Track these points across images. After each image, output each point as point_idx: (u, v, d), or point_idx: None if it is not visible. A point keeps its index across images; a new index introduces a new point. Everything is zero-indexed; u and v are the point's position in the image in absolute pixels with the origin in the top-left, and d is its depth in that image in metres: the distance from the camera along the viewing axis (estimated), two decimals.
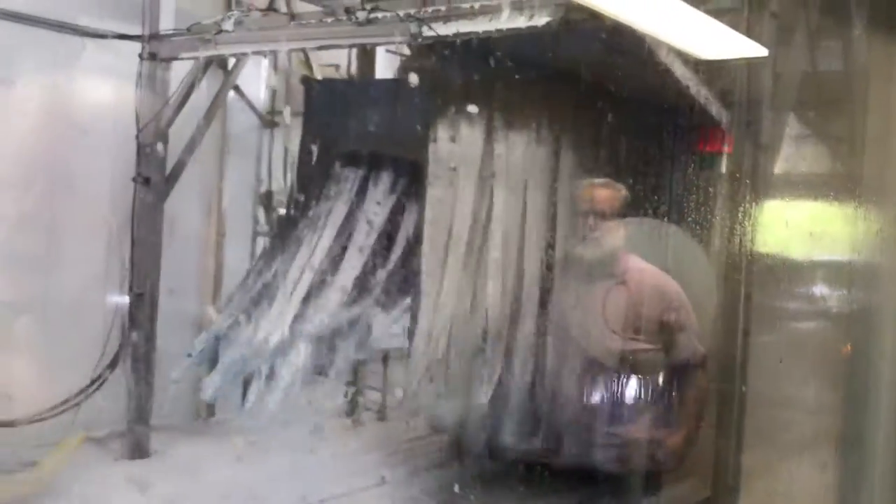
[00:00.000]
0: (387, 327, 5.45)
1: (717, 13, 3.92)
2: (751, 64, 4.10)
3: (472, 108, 5.02)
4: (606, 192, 4.63)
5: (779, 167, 4.39)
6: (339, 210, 5.82)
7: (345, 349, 5.38)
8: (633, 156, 5.33)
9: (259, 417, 5.68)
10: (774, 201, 4.47)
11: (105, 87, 6.51)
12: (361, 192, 5.86)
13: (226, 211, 7.44)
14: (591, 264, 4.65)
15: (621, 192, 4.60)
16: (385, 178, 5.84)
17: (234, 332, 5.82)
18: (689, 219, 4.75)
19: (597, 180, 4.75)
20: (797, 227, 4.33)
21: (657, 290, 4.55)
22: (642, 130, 5.22)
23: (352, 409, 7.39)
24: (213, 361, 5.95)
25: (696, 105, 4.44)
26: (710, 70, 4.33)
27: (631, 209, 4.70)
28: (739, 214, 4.26)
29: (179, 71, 6.36)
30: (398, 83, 5.76)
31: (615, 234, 4.58)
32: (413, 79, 5.03)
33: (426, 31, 4.89)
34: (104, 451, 6.32)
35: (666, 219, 5.01)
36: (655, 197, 5.07)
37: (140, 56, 6.29)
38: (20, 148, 6.08)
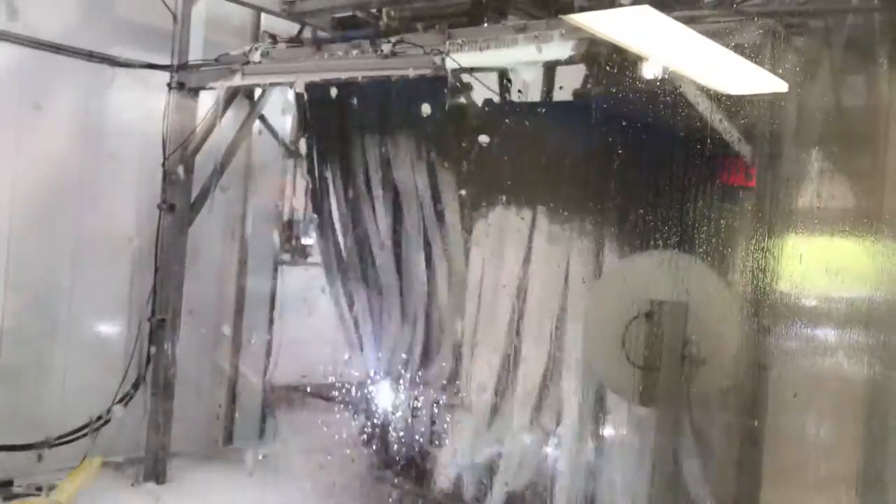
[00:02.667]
0: None
1: (741, 49, 3.95)
2: (774, 99, 4.12)
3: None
4: None
5: (800, 201, 4.37)
6: None
7: None
8: (652, 188, 5.34)
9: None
10: (795, 235, 4.45)
11: (133, 114, 6.62)
12: None
13: (248, 238, 7.50)
14: None
15: None
16: None
17: None
18: (710, 251, 4.73)
19: None
20: (816, 261, 4.30)
21: None
22: (663, 162, 5.23)
23: None
24: None
25: (719, 138, 4.45)
26: (733, 104, 4.34)
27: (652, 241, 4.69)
28: (761, 248, 4.24)
29: (206, 100, 6.50)
30: None
31: None
32: None
33: (449, 64, 4.96)
34: (122, 476, 6.35)
35: (687, 251, 4.98)
36: (676, 229, 5.05)
37: (168, 85, 6.44)
38: (49, 173, 6.18)
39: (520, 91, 5.51)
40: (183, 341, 6.58)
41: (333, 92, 5.63)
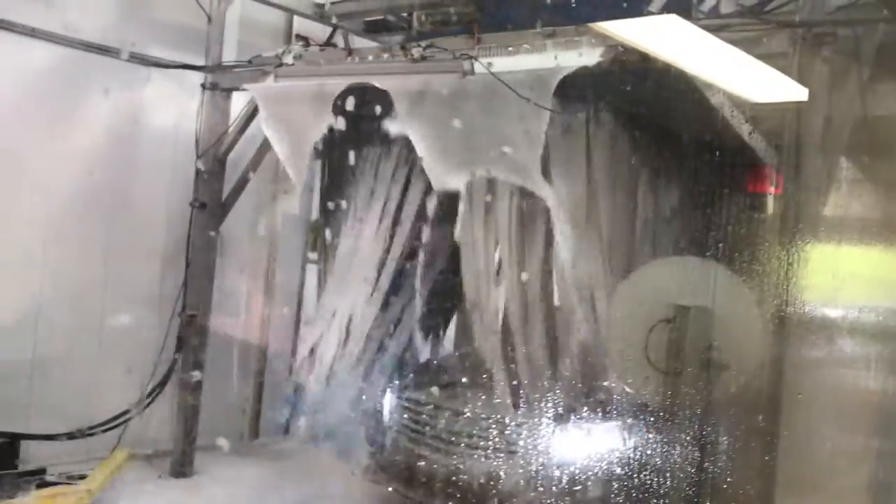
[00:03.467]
0: None
1: (768, 57, 3.97)
2: (801, 107, 4.12)
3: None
4: None
5: (827, 210, 4.37)
6: None
7: None
8: (679, 196, 5.37)
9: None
10: (822, 244, 4.45)
11: (167, 114, 6.75)
12: None
13: (277, 236, 7.60)
14: None
15: None
16: None
17: None
18: (735, 258, 4.73)
19: None
20: (842, 271, 4.30)
21: None
22: (689, 170, 5.25)
23: None
24: None
25: (745, 146, 4.46)
26: (760, 112, 4.36)
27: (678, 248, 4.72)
28: (786, 257, 4.25)
29: (239, 100, 6.60)
30: None
31: None
32: None
33: (478, 68, 5.01)
34: (150, 469, 6.46)
35: (713, 258, 4.99)
36: (702, 236, 5.07)
37: (202, 86, 6.55)
38: (84, 171, 6.32)
39: None
40: (211, 337, 6.70)
41: None
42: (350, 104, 5.65)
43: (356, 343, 6.23)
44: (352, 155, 6.35)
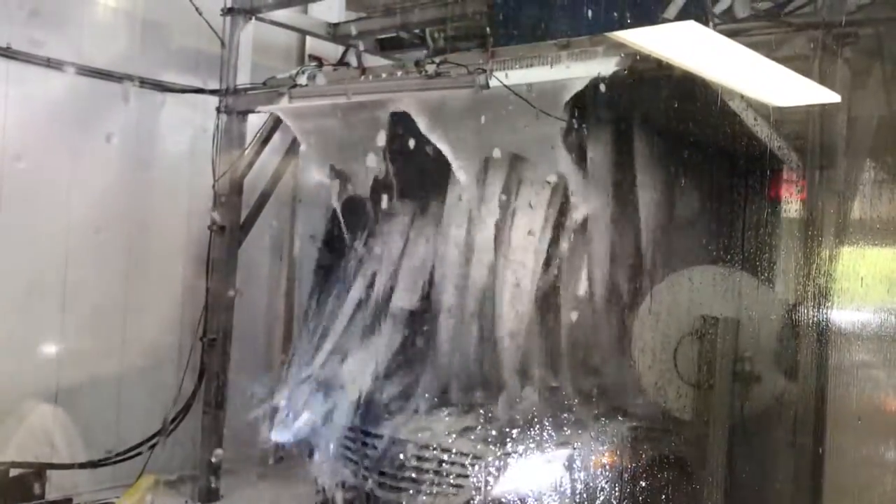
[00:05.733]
0: None
1: (789, 60, 3.90)
2: (824, 110, 4.06)
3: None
4: None
5: (854, 213, 4.29)
6: None
7: None
8: (702, 203, 5.29)
9: None
10: (850, 248, 4.35)
11: (183, 138, 6.77)
12: None
13: (296, 258, 7.58)
14: None
15: None
16: None
17: None
18: (760, 265, 4.65)
19: None
20: (875, 276, 4.20)
21: None
22: (712, 177, 5.18)
23: None
24: None
25: (768, 151, 4.39)
26: (782, 116, 4.29)
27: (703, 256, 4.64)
28: (814, 264, 4.17)
29: (255, 123, 6.61)
30: None
31: None
32: None
33: (493, 82, 4.98)
34: (176, 494, 6.44)
35: (738, 266, 4.91)
36: (727, 244, 4.99)
37: (217, 109, 6.57)
38: (103, 197, 6.34)
39: None
40: (233, 360, 6.68)
41: None
42: None
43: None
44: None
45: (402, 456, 4.99)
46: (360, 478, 5.21)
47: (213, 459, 6.46)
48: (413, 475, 4.94)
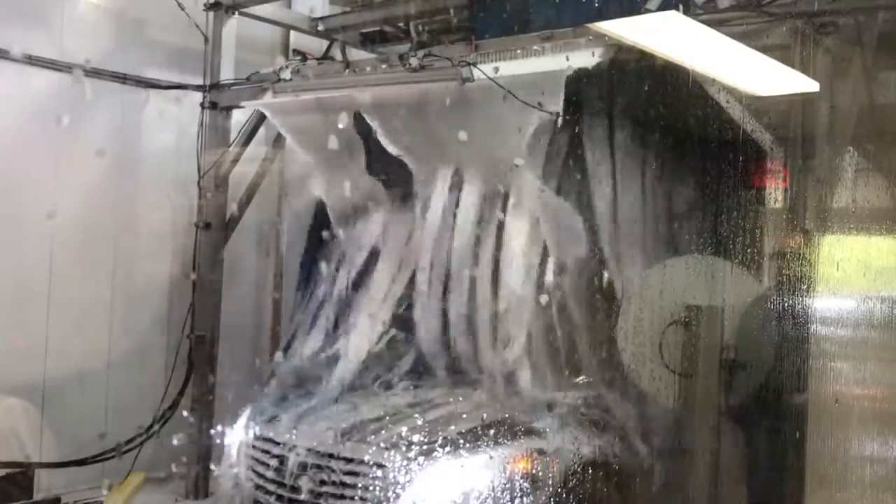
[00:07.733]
0: None
1: (769, 49, 3.92)
2: (805, 99, 4.08)
3: None
4: None
5: (835, 202, 4.32)
6: None
7: None
8: (686, 193, 5.32)
9: None
10: (831, 236, 4.38)
11: (168, 135, 6.75)
12: None
13: (283, 254, 7.57)
14: None
15: None
16: None
17: None
18: (743, 255, 4.68)
19: None
20: (854, 263, 4.23)
21: None
22: (695, 167, 5.21)
23: None
24: None
25: (750, 140, 4.42)
26: (763, 106, 4.31)
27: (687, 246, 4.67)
28: (795, 250, 4.20)
29: (239, 118, 6.58)
30: None
31: None
32: None
33: (477, 74, 4.98)
34: (165, 492, 6.42)
35: (721, 255, 4.94)
36: (710, 233, 5.02)
37: (201, 105, 6.53)
38: (87, 195, 6.30)
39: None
40: (221, 357, 6.66)
41: None
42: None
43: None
44: None
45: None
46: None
47: (202, 455, 6.45)
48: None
